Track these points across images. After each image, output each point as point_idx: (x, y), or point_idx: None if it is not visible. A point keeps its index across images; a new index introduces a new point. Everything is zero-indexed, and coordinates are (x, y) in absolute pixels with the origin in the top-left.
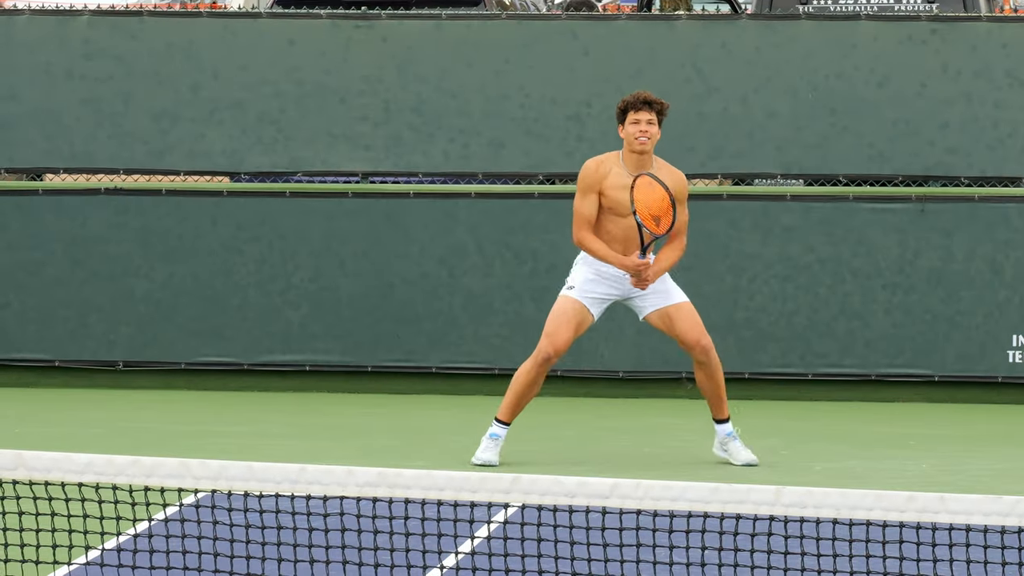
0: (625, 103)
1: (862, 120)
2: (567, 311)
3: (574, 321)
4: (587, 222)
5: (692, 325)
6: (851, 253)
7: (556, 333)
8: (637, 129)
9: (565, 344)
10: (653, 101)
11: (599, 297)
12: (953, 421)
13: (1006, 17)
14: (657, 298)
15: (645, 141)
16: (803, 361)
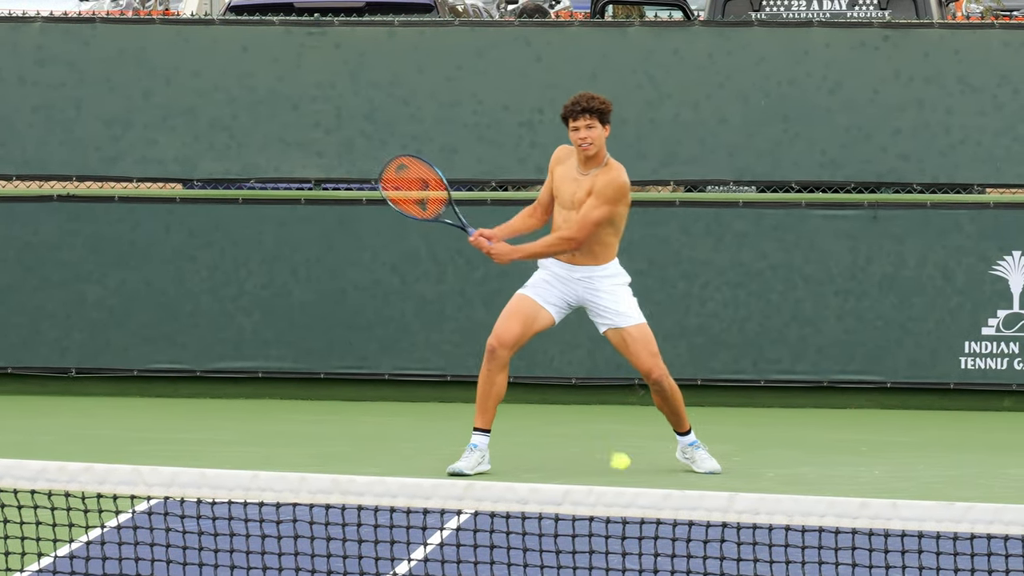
0: (565, 111)
1: (814, 127)
2: (515, 306)
3: (521, 315)
4: (539, 202)
5: (643, 354)
6: (803, 259)
7: (500, 326)
8: (577, 137)
9: (512, 337)
10: (589, 108)
11: (554, 300)
12: (905, 427)
13: (958, 24)
14: (610, 317)
15: (588, 147)
16: (755, 367)
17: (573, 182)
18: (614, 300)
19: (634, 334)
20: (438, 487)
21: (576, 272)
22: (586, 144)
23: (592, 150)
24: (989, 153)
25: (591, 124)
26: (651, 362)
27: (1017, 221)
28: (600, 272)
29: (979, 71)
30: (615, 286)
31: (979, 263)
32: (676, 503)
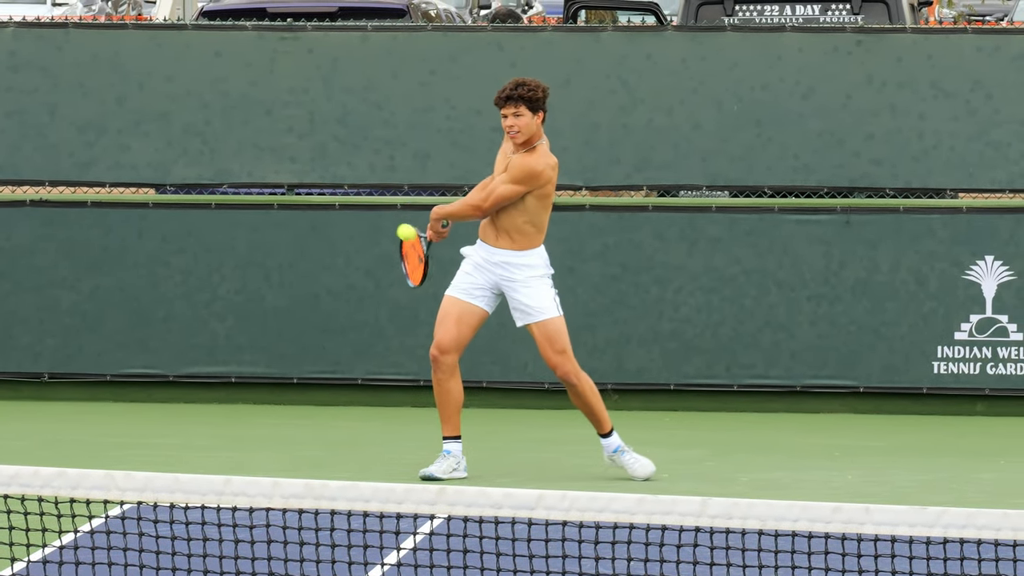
0: (494, 100)
1: (787, 132)
2: (445, 310)
3: (452, 317)
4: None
5: (547, 351)
6: (776, 264)
7: (436, 333)
8: (505, 124)
9: (450, 340)
10: (514, 96)
11: (479, 290)
12: (878, 432)
13: (931, 29)
14: (523, 311)
15: (516, 135)
16: (728, 372)
17: (503, 161)
18: (527, 295)
19: (541, 330)
20: (411, 492)
21: (495, 255)
22: (513, 132)
23: (520, 138)
24: (962, 158)
25: (518, 112)
26: (556, 359)
27: (990, 226)
28: (517, 259)
29: (952, 76)
30: (532, 278)
31: (952, 268)
32: (650, 507)
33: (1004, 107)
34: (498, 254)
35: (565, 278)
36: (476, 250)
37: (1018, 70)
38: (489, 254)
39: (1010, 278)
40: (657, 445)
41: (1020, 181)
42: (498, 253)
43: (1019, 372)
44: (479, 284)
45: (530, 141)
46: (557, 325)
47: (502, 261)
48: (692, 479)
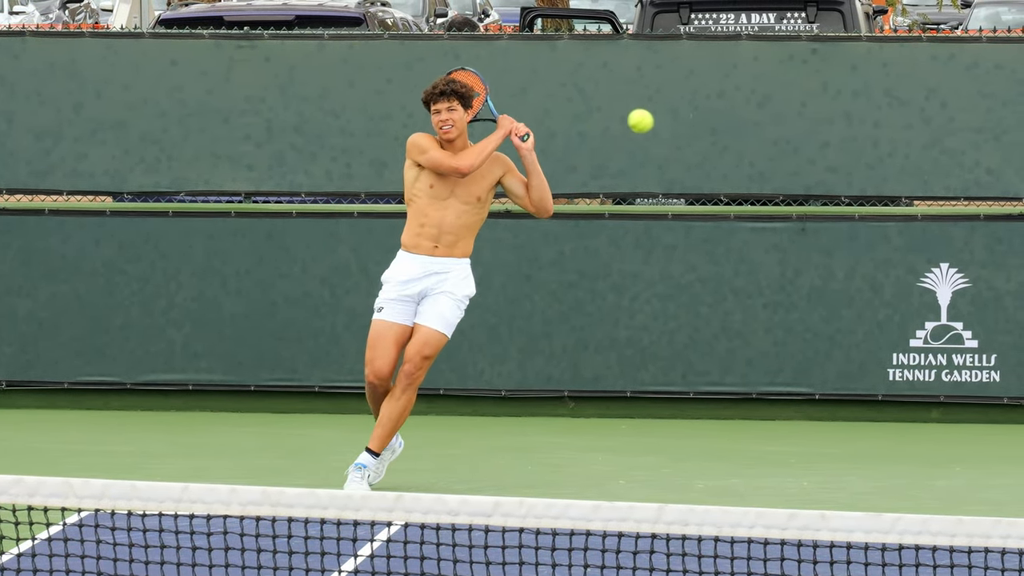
0: (425, 95)
1: (743, 139)
2: (378, 334)
3: (387, 342)
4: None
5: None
6: (732, 272)
7: (373, 359)
8: (438, 119)
9: (388, 368)
10: (449, 90)
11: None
12: (834, 439)
13: (885, 37)
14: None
15: (449, 130)
16: (684, 379)
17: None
18: (448, 305)
19: (433, 338)
20: (368, 499)
21: (439, 264)
22: (447, 127)
23: (454, 133)
24: (917, 166)
25: (452, 107)
26: (420, 363)
27: (945, 233)
28: (462, 269)
29: (907, 84)
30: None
31: (907, 275)
32: (606, 515)
33: (958, 115)
34: (446, 263)
35: (521, 286)
36: (407, 267)
37: (972, 78)
38: (431, 264)
39: (965, 285)
40: (613, 452)
41: (975, 189)
42: (446, 263)
43: (974, 379)
44: (404, 309)
45: (462, 140)
46: (442, 342)
47: (445, 270)
48: (648, 486)
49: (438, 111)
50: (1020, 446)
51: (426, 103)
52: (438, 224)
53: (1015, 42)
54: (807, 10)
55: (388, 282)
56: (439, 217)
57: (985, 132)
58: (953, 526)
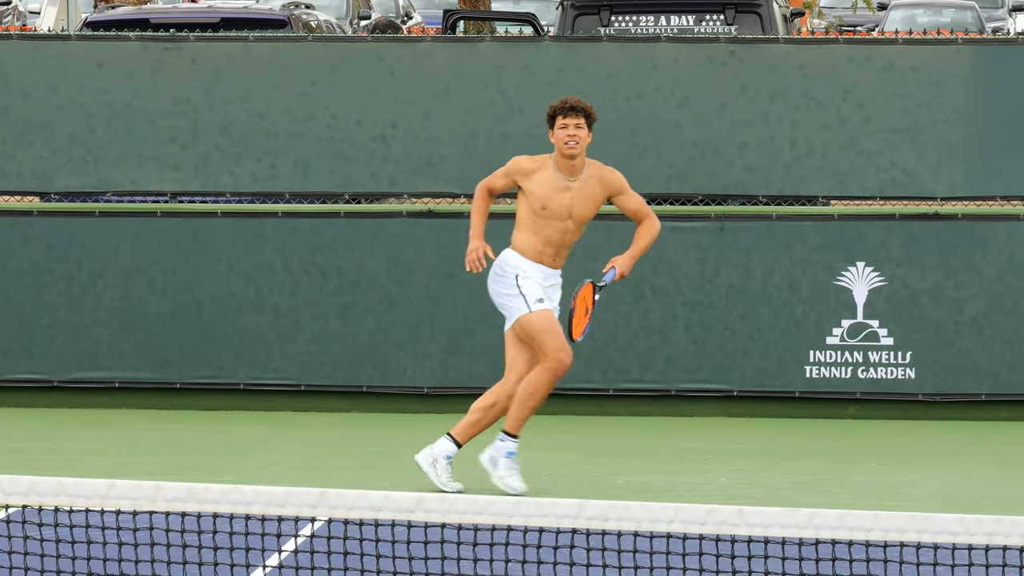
0: (553, 109)
1: (662, 140)
2: (555, 320)
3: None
4: (491, 191)
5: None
6: (652, 271)
7: (560, 343)
8: (565, 134)
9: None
10: (580, 107)
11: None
12: (752, 435)
13: (802, 39)
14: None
15: (574, 146)
16: (605, 377)
17: (563, 191)
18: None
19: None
20: (292, 495)
21: (555, 277)
22: (572, 143)
23: (577, 150)
24: (833, 166)
25: (580, 124)
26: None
27: (861, 233)
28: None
29: (823, 86)
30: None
31: (824, 274)
32: (528, 510)
33: (875, 116)
34: (558, 275)
35: (444, 284)
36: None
37: (888, 79)
38: (549, 276)
39: (880, 284)
40: (536, 448)
41: (891, 188)
42: (558, 274)
43: (889, 376)
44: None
45: (582, 158)
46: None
47: (557, 281)
48: (569, 482)
49: (566, 125)
50: (935, 442)
51: (552, 117)
52: (557, 244)
53: (930, 44)
54: (725, 13)
55: (530, 278)
56: (559, 238)
57: (901, 133)
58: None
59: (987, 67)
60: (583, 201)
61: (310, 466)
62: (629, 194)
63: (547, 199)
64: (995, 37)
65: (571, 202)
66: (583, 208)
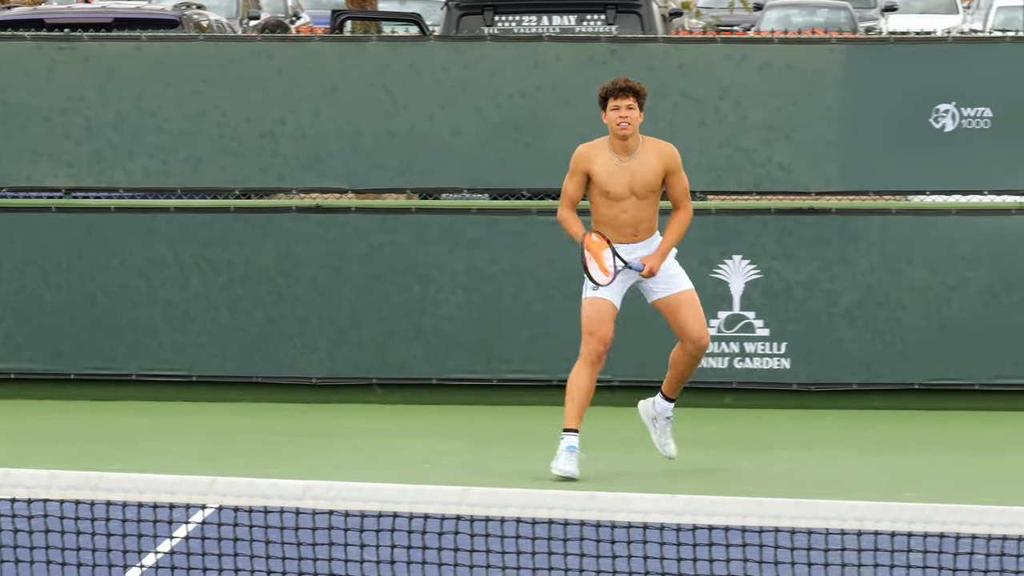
0: (605, 90)
1: (545, 137)
2: (600, 309)
3: (609, 317)
4: (570, 201)
5: (696, 319)
6: (534, 264)
7: (600, 330)
8: (617, 115)
9: (610, 338)
10: (631, 87)
11: (619, 294)
12: (631, 424)
13: (681, 39)
14: (664, 283)
15: (626, 127)
16: (488, 367)
17: (622, 171)
18: (670, 265)
19: (685, 297)
20: (182, 483)
21: (644, 248)
22: (624, 124)
23: (629, 131)
24: (711, 162)
25: (631, 104)
26: (702, 327)
27: (737, 227)
28: (658, 238)
29: (701, 84)
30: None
31: (701, 267)
32: (412, 497)
33: (751, 113)
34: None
35: (331, 278)
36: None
37: (764, 78)
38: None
39: (756, 276)
40: (420, 437)
41: (766, 184)
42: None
43: (765, 366)
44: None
45: (635, 137)
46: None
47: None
48: (453, 469)
49: (617, 107)
50: (810, 430)
51: (603, 99)
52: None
53: (805, 43)
54: (606, 13)
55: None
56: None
57: (776, 130)
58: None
59: (860, 66)
60: (641, 176)
61: (201, 454)
62: (680, 175)
63: (607, 182)
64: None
65: (630, 180)
66: (643, 183)
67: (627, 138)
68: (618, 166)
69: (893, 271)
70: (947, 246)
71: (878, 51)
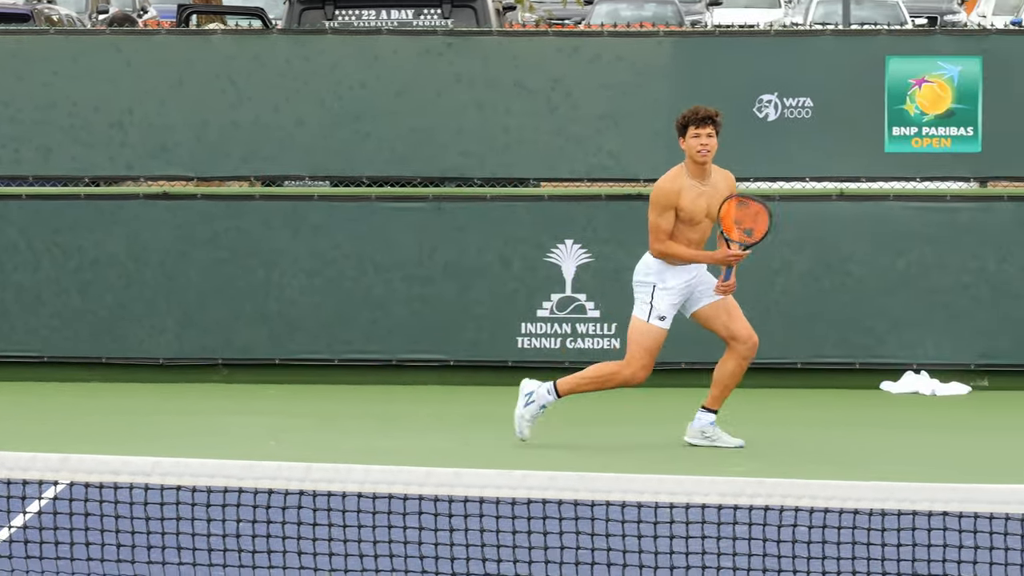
0: (685, 119)
1: (384, 126)
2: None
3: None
4: (666, 234)
5: (744, 320)
6: (374, 248)
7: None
8: (698, 143)
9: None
10: (711, 116)
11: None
12: (468, 401)
13: (515, 32)
14: (708, 294)
15: (706, 155)
16: (330, 348)
17: (700, 196)
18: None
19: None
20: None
21: (699, 269)
22: (704, 152)
23: (708, 158)
24: (544, 150)
25: (711, 133)
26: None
27: (569, 212)
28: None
29: (534, 75)
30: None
31: (534, 251)
32: (258, 473)
33: (582, 103)
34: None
35: (178, 262)
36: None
37: (595, 70)
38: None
39: (588, 260)
40: (264, 415)
41: (597, 171)
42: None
43: (596, 346)
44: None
45: (709, 163)
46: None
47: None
48: (298, 447)
49: (698, 135)
50: (635, 407)
51: (684, 126)
52: (699, 242)
53: (634, 36)
54: (443, 7)
55: (669, 291)
56: (699, 237)
57: (607, 119)
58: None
59: (687, 58)
60: (715, 200)
61: (53, 433)
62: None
63: (691, 209)
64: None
65: (707, 204)
66: (715, 206)
67: (705, 164)
68: (696, 191)
69: None
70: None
71: (704, 44)
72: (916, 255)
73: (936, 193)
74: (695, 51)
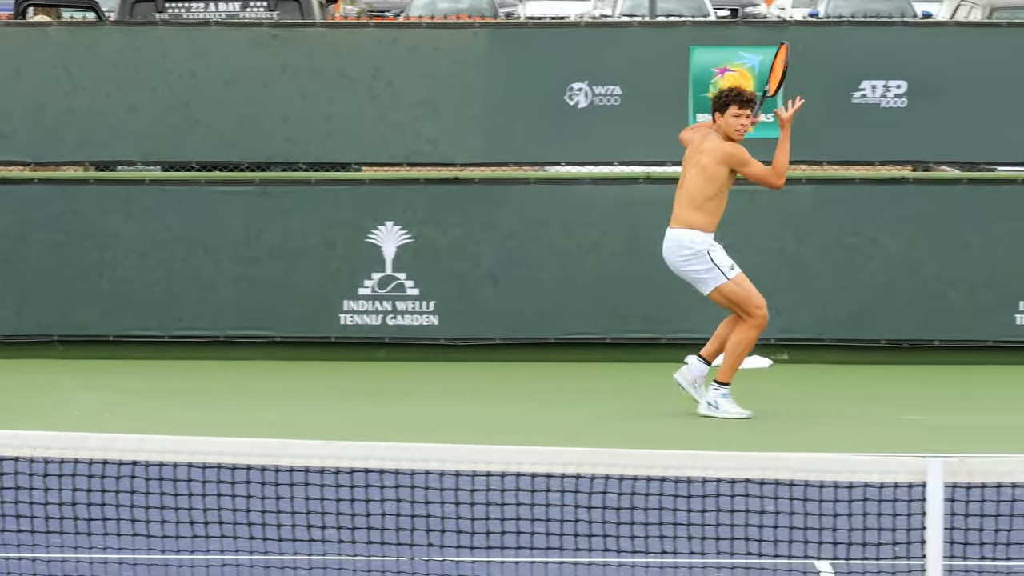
0: (728, 97)
1: (212, 114)
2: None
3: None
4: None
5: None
6: (203, 230)
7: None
8: (738, 122)
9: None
10: (754, 100)
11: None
12: (294, 376)
13: (337, 24)
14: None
15: (742, 134)
16: (161, 325)
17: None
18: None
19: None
20: None
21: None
22: (742, 131)
23: (743, 136)
24: (365, 136)
25: (749, 115)
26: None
27: (389, 195)
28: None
29: (356, 65)
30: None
31: (356, 232)
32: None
33: (402, 92)
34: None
35: (16, 244)
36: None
37: (414, 59)
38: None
39: (408, 240)
40: (99, 390)
41: (415, 156)
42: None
43: (415, 323)
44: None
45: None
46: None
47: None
48: (130, 420)
49: (739, 115)
50: (454, 380)
51: (725, 104)
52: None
53: (451, 27)
54: (268, 0)
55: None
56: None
57: (425, 106)
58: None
59: (501, 48)
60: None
61: None
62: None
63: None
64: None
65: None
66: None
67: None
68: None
69: (532, 236)
70: (581, 213)
71: (517, 34)
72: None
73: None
74: (509, 42)
